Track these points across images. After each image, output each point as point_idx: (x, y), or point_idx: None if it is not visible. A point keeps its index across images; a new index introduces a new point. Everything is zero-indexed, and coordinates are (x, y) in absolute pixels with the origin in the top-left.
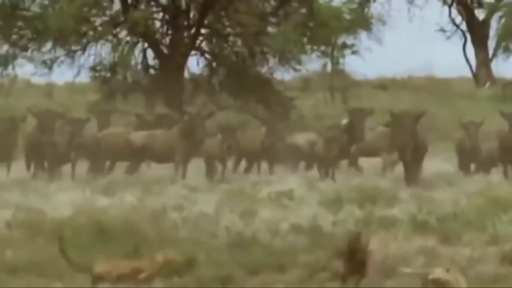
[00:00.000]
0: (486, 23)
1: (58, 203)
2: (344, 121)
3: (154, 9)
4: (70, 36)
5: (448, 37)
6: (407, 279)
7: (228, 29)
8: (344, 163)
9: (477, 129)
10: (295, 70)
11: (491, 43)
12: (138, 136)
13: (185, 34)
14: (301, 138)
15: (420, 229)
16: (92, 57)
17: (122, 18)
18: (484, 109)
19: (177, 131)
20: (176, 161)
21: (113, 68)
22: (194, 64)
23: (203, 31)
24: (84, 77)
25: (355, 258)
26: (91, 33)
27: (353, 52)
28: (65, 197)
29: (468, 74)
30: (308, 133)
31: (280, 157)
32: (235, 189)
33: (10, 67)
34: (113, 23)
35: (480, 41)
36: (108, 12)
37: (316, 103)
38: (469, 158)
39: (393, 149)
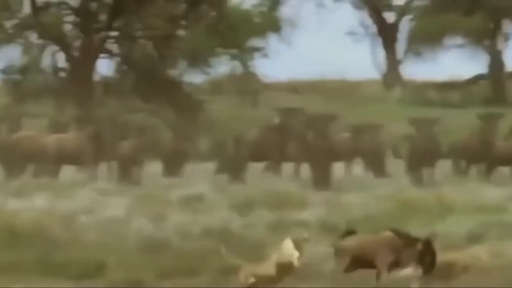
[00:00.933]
0: (395, 26)
1: None
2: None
3: (65, 12)
4: None
5: (358, 40)
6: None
7: (139, 32)
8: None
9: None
10: (205, 73)
11: (401, 46)
12: (51, 139)
13: (95, 37)
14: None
15: (330, 233)
16: (2, 60)
17: (32, 21)
18: (394, 112)
19: (86, 134)
20: (86, 164)
21: (23, 71)
22: (105, 67)
23: (113, 34)
24: None
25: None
26: (1, 36)
27: (263, 55)
28: None
29: (377, 77)
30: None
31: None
32: (146, 192)
33: None
34: (23, 26)
35: (389, 44)
36: (18, 15)
37: (225, 106)
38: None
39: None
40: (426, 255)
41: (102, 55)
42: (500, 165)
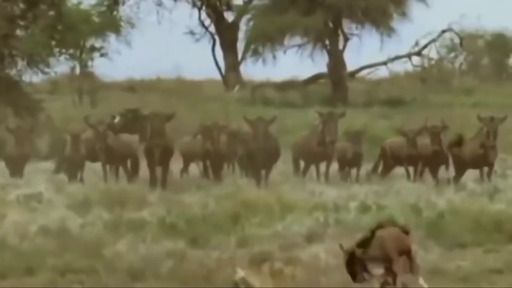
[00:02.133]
0: (235, 25)
1: None
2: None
3: None
4: None
5: (197, 40)
6: None
7: None
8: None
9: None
10: (43, 73)
11: (240, 46)
12: None
13: None
14: None
15: (169, 232)
16: None
17: None
18: (233, 112)
19: None
20: None
21: None
22: None
23: None
24: None
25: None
26: None
27: (102, 55)
28: None
29: (217, 77)
30: None
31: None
32: None
33: None
34: None
35: (229, 44)
36: None
37: (64, 106)
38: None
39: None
40: None
41: None
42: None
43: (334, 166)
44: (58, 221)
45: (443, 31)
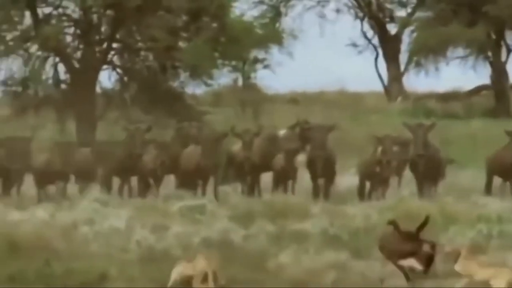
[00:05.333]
0: (397, 37)
1: None
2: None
3: (66, 23)
4: None
5: (360, 52)
6: None
7: (140, 44)
8: None
9: (392, 143)
10: (206, 84)
11: (403, 58)
12: None
13: (97, 48)
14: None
15: (331, 244)
16: (3, 72)
17: (33, 33)
18: (395, 124)
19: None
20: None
21: (24, 82)
22: (106, 79)
23: (114, 45)
24: None
25: None
26: (2, 47)
27: (265, 67)
28: None
29: (379, 88)
30: None
31: None
32: (146, 203)
33: None
34: (24, 37)
35: (391, 56)
36: (19, 27)
37: (227, 118)
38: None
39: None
40: (430, 256)
41: (103, 66)
42: None
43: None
44: (221, 233)
45: None
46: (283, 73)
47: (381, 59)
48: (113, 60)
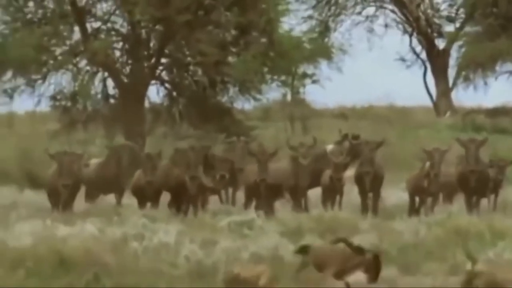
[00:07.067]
0: (446, 52)
1: (18, 232)
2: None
3: (114, 38)
4: (30, 65)
5: (408, 66)
6: None
7: (189, 59)
8: None
9: (442, 157)
10: (255, 99)
11: (451, 73)
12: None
13: (145, 63)
14: None
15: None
16: (52, 86)
17: (82, 48)
18: (444, 138)
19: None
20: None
21: (73, 97)
22: (154, 94)
23: (163, 60)
24: (45, 106)
25: None
26: (51, 62)
27: (314, 81)
28: (26, 227)
29: (428, 103)
30: None
31: None
32: (195, 219)
33: None
34: (73, 52)
35: (440, 71)
36: (68, 42)
37: (276, 133)
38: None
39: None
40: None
41: (152, 81)
42: None
43: None
44: (270, 248)
45: None
46: (332, 88)
47: (429, 73)
48: (161, 75)
